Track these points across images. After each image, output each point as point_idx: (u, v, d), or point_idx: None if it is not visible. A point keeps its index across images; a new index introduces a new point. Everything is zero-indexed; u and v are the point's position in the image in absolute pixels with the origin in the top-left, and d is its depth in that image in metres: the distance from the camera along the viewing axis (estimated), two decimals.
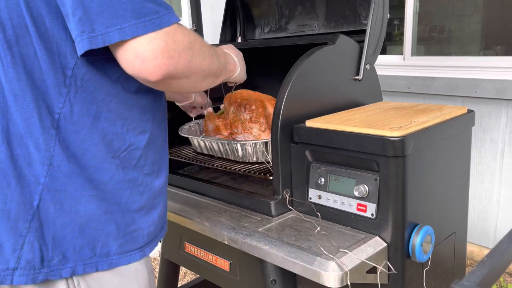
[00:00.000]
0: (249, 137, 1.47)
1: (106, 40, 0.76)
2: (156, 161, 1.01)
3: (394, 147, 1.05)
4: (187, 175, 1.59)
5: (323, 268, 0.99)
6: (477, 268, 0.45)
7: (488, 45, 3.24)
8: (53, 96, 0.85)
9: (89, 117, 0.87)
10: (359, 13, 1.63)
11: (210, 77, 0.96)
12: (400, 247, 1.11)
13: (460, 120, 1.29)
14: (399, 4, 3.13)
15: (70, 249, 0.90)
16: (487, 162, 2.71)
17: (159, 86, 0.86)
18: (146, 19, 0.76)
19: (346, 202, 1.17)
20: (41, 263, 0.88)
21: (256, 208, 1.29)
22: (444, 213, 1.30)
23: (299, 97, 1.26)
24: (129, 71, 0.81)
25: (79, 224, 0.89)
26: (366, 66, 1.42)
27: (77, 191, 0.88)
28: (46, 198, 0.87)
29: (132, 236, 0.96)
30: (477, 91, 2.63)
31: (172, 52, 0.80)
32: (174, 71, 0.81)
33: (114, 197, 0.92)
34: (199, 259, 1.52)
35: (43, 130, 0.85)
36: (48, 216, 0.88)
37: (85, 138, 0.88)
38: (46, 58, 0.83)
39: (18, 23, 0.81)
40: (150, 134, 0.97)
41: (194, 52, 0.85)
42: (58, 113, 0.85)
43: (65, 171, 0.87)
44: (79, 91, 0.86)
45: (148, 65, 0.78)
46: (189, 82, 0.89)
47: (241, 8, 2.00)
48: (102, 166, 0.90)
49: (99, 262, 0.92)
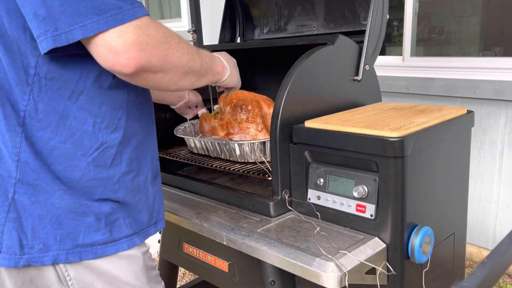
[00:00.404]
0: (245, 137, 1.46)
1: (69, 38, 0.77)
2: (134, 159, 1.00)
3: (394, 148, 1.05)
4: (186, 176, 1.59)
5: (322, 269, 0.99)
6: (477, 269, 0.44)
7: (487, 46, 3.24)
8: (17, 95, 0.87)
9: (55, 115, 0.89)
10: (359, 13, 1.63)
11: (192, 75, 0.96)
12: (399, 248, 1.10)
13: (459, 120, 1.29)
14: (398, 5, 3.14)
15: (51, 238, 0.92)
16: (486, 163, 2.71)
17: (136, 80, 0.86)
18: (108, 14, 0.77)
19: (345, 202, 1.17)
20: (21, 250, 0.92)
21: (255, 208, 1.29)
22: (443, 214, 1.29)
23: (299, 97, 1.25)
24: (104, 65, 0.82)
25: (57, 216, 0.92)
26: (366, 66, 1.41)
27: (48, 186, 0.91)
28: (20, 191, 0.90)
29: (114, 225, 0.97)
30: (476, 92, 2.63)
31: (144, 45, 0.80)
32: (148, 64, 0.82)
33: (85, 193, 0.94)
34: (198, 260, 1.51)
35: (8, 127, 0.88)
36: (25, 208, 0.91)
37: (52, 135, 0.89)
38: (7, 58, 0.85)
39: None
40: (125, 131, 0.97)
41: (170, 47, 0.86)
42: (23, 111, 0.88)
43: (33, 167, 0.89)
44: (43, 89, 0.87)
45: (121, 58, 0.79)
46: (167, 77, 0.89)
47: (241, 8, 2.00)
48: (72, 164, 0.92)
49: (83, 252, 0.95)
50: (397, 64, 3.06)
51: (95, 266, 0.97)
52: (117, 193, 0.98)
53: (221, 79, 1.15)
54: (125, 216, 1.00)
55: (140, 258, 1.04)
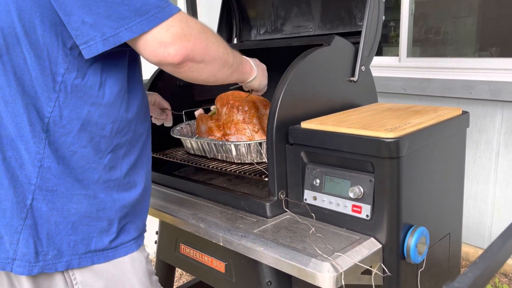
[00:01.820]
0: (242, 138, 1.47)
1: (116, 41, 0.84)
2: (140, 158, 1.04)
3: (389, 148, 1.05)
4: (182, 177, 1.59)
5: (318, 269, 0.99)
6: (469, 269, 0.45)
7: (483, 47, 3.26)
8: (43, 101, 0.89)
9: (78, 121, 0.92)
10: (355, 14, 1.63)
11: (227, 67, 1.03)
12: (395, 248, 1.11)
13: (454, 121, 1.30)
14: (395, 6, 3.14)
15: (65, 244, 0.94)
16: (482, 163, 2.72)
17: (182, 71, 0.92)
18: (149, 14, 0.84)
19: (341, 203, 1.17)
20: (36, 257, 0.93)
21: (252, 209, 1.29)
22: (439, 214, 1.30)
23: (295, 98, 1.26)
24: (153, 59, 0.88)
25: (72, 222, 0.94)
26: (362, 67, 1.42)
27: (68, 190, 0.92)
28: (38, 198, 0.91)
29: (124, 228, 1.00)
30: (472, 92, 2.64)
31: (189, 36, 0.88)
32: (192, 53, 0.89)
33: (101, 197, 0.96)
34: (194, 261, 1.51)
35: (33, 133, 0.89)
36: (42, 214, 0.92)
37: (73, 140, 0.92)
38: (36, 65, 0.87)
39: (8, 33, 0.86)
40: (134, 133, 1.01)
41: (208, 37, 0.93)
42: (48, 117, 0.90)
43: (55, 172, 0.91)
44: (69, 96, 0.90)
45: (170, 50, 0.86)
46: (208, 69, 0.96)
47: (237, 9, 2.00)
48: (90, 167, 0.94)
49: (94, 256, 0.97)
50: (393, 65, 3.07)
51: (102, 270, 0.99)
52: (129, 190, 1.01)
53: (248, 79, 1.21)
54: (132, 219, 1.03)
55: (143, 262, 1.06)
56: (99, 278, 0.99)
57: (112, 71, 0.94)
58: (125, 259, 1.01)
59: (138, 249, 1.04)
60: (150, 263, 1.09)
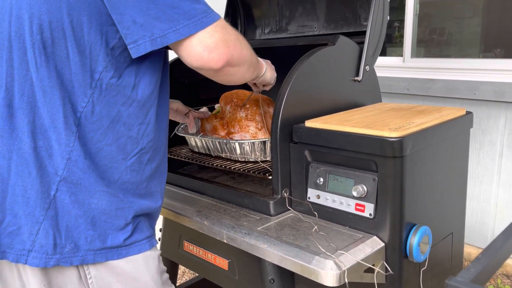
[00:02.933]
0: (245, 135, 1.48)
1: (164, 41, 0.87)
2: (160, 165, 1.08)
3: (393, 148, 1.06)
4: (186, 174, 1.60)
5: (321, 267, 1.00)
6: (471, 264, 0.46)
7: (487, 48, 3.25)
8: (78, 96, 0.92)
9: (108, 119, 0.95)
10: (359, 14, 1.64)
11: (252, 67, 1.09)
12: (397, 247, 1.11)
13: (458, 121, 1.30)
14: (399, 6, 3.15)
15: (82, 239, 0.96)
16: (485, 164, 2.72)
17: (220, 75, 0.97)
18: (196, 19, 0.88)
19: (344, 202, 1.18)
20: (54, 249, 0.94)
21: (255, 207, 1.30)
22: (441, 214, 1.30)
23: (299, 97, 1.27)
24: (195, 63, 0.92)
25: (91, 217, 0.96)
26: (366, 67, 1.43)
27: (91, 185, 0.95)
28: (62, 189, 0.93)
29: (138, 227, 1.02)
30: (476, 93, 2.64)
31: (229, 41, 0.93)
32: (232, 58, 0.94)
33: (120, 195, 0.98)
34: (198, 258, 1.52)
35: (66, 125, 0.92)
36: (64, 206, 0.94)
37: (101, 138, 0.95)
38: (78, 61, 0.90)
39: (56, 27, 0.89)
40: (158, 140, 1.05)
41: (242, 43, 0.99)
42: (81, 112, 0.93)
43: (81, 166, 0.93)
44: (103, 94, 0.93)
45: (214, 54, 0.90)
46: (240, 71, 1.01)
47: (242, 8, 2.01)
48: (113, 166, 0.97)
49: (109, 253, 0.98)
50: (397, 65, 3.07)
51: (115, 266, 1.00)
52: (144, 197, 1.03)
53: (261, 73, 1.23)
54: (146, 218, 1.05)
55: (156, 260, 1.07)
56: (113, 273, 1.01)
57: (146, 75, 0.97)
58: (139, 257, 1.02)
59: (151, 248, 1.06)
60: (161, 262, 1.11)
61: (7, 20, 0.91)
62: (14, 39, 0.90)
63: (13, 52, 0.91)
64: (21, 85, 0.92)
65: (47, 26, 0.89)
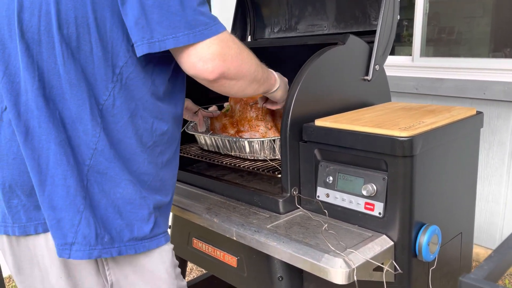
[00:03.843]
0: (255, 134, 1.48)
1: (162, 46, 0.89)
2: (172, 160, 1.10)
3: (403, 147, 1.06)
4: (196, 172, 1.61)
5: (330, 265, 1.00)
6: (484, 262, 0.46)
7: (497, 47, 3.23)
8: (100, 90, 0.95)
9: (127, 112, 0.97)
10: (369, 13, 1.64)
11: (255, 83, 1.10)
12: (406, 246, 1.12)
13: (468, 121, 1.30)
14: (408, 5, 3.13)
15: (113, 229, 0.98)
16: (494, 164, 2.71)
17: (215, 86, 1.00)
18: (197, 29, 0.90)
19: (354, 200, 1.18)
20: (96, 239, 0.96)
21: (264, 205, 1.31)
22: (451, 214, 1.30)
23: (309, 96, 1.27)
24: (191, 71, 0.95)
25: (118, 206, 0.98)
26: (376, 66, 1.43)
27: (117, 175, 0.97)
28: (91, 179, 0.96)
29: (157, 221, 1.04)
30: (485, 93, 2.62)
31: (226, 55, 0.94)
32: (227, 71, 0.96)
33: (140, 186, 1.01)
34: (206, 255, 1.54)
35: (92, 116, 0.95)
36: (95, 196, 0.97)
37: (121, 129, 0.97)
38: (101, 56, 0.93)
39: (81, 22, 0.91)
40: (170, 134, 1.07)
41: (243, 58, 1.00)
42: (102, 104, 0.96)
43: (107, 155, 0.96)
44: (123, 88, 0.96)
45: (208, 66, 0.92)
46: (238, 84, 1.03)
47: (252, 7, 2.01)
48: (131, 157, 1.00)
49: (136, 245, 1.00)
50: (406, 64, 3.06)
51: (133, 258, 1.03)
52: (158, 191, 1.06)
53: (272, 89, 1.25)
54: (162, 213, 1.07)
55: (170, 253, 1.09)
56: (130, 265, 1.03)
57: (162, 73, 1.01)
58: (155, 250, 1.05)
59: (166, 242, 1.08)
60: (174, 256, 1.13)
61: (36, 15, 0.93)
62: (43, 33, 0.93)
63: (42, 46, 0.93)
64: (50, 77, 0.94)
65: (73, 22, 0.91)
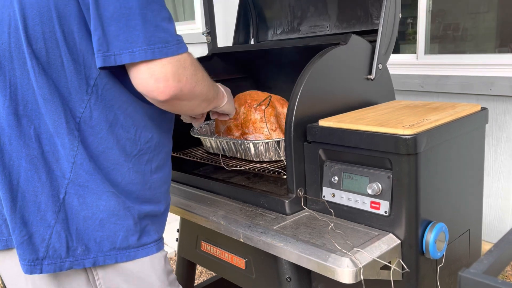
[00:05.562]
0: (260, 136, 1.49)
1: (117, 60, 0.86)
2: (161, 167, 1.09)
3: (407, 145, 1.06)
4: (202, 175, 1.62)
5: (337, 264, 1.01)
6: (484, 257, 0.46)
7: (503, 43, 3.21)
8: (75, 102, 0.94)
9: (106, 123, 0.96)
10: (371, 13, 1.64)
11: (206, 102, 1.08)
12: (413, 244, 1.12)
13: (473, 118, 1.29)
14: (412, 3, 3.12)
15: (92, 240, 0.98)
16: (503, 160, 2.68)
17: (165, 106, 0.96)
18: (155, 46, 0.87)
19: (359, 200, 1.19)
20: (67, 252, 0.97)
21: (271, 206, 1.31)
22: (458, 211, 1.30)
23: (312, 97, 1.28)
24: (140, 89, 0.91)
25: (100, 218, 0.97)
26: (379, 65, 1.43)
27: (98, 187, 0.96)
28: (71, 192, 0.96)
29: (145, 230, 1.04)
30: (492, 89, 2.60)
31: (181, 76, 0.91)
32: (180, 93, 0.92)
33: (126, 197, 1.00)
34: (215, 258, 1.55)
35: (68, 130, 0.94)
36: (73, 209, 0.96)
37: (101, 141, 0.97)
38: (73, 69, 0.92)
39: (49, 37, 0.91)
40: (157, 141, 1.06)
41: (198, 79, 0.97)
42: (79, 117, 0.95)
43: (86, 168, 0.95)
44: (99, 99, 0.95)
45: (160, 85, 0.89)
46: (189, 105, 1.02)
47: (254, 10, 2.03)
48: (115, 168, 0.99)
49: (118, 255, 1.00)
50: (411, 62, 3.05)
51: (123, 267, 1.02)
52: (148, 200, 1.05)
53: (221, 105, 1.25)
54: (155, 222, 1.07)
55: (162, 261, 1.09)
56: (120, 274, 1.03)
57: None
58: (145, 258, 1.05)
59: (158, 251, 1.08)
60: (168, 263, 1.12)
61: (6, 32, 0.93)
62: (14, 49, 0.93)
63: (14, 62, 0.93)
64: (24, 93, 0.94)
65: (41, 37, 0.91)
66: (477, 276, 0.42)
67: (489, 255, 0.46)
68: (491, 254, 0.46)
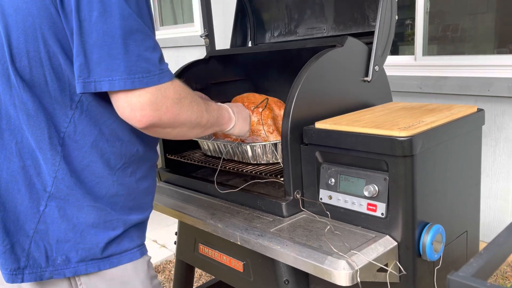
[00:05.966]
0: (257, 139, 1.49)
1: (97, 87, 0.86)
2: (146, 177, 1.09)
3: (403, 147, 1.06)
4: (200, 178, 1.62)
5: (334, 267, 1.01)
6: (473, 260, 0.46)
7: (501, 43, 3.21)
8: (59, 118, 0.95)
9: (90, 137, 0.97)
10: (367, 15, 1.65)
11: (198, 128, 1.06)
12: (410, 246, 1.12)
13: (469, 119, 1.30)
14: (410, 4, 3.13)
15: (73, 251, 0.98)
16: (501, 161, 2.68)
17: (146, 131, 0.96)
18: (136, 76, 0.86)
19: (356, 202, 1.19)
20: (46, 261, 0.98)
21: (268, 209, 1.31)
22: (455, 212, 1.30)
23: (309, 99, 1.28)
24: (120, 115, 0.91)
25: (81, 230, 0.98)
26: (375, 67, 1.43)
27: (78, 201, 0.97)
28: (52, 204, 0.97)
29: (128, 236, 1.04)
30: (490, 89, 2.60)
31: (160, 105, 0.90)
32: (159, 122, 0.91)
33: (108, 209, 1.01)
34: (213, 260, 1.54)
35: (51, 146, 0.95)
36: (54, 221, 0.97)
37: (85, 155, 0.97)
38: (57, 87, 0.93)
39: (33, 56, 0.92)
40: (142, 154, 1.06)
41: (182, 107, 0.95)
42: (64, 132, 0.95)
43: (68, 183, 0.96)
44: (84, 114, 0.96)
45: (137, 114, 0.88)
46: (175, 131, 1.00)
47: (251, 13, 2.03)
48: (100, 181, 0.99)
49: (101, 263, 1.01)
50: (409, 64, 3.05)
51: (106, 273, 1.03)
52: (133, 210, 1.05)
53: (225, 129, 1.25)
54: (138, 228, 1.07)
55: (145, 265, 1.09)
56: (103, 280, 1.03)
57: None
58: (129, 264, 1.05)
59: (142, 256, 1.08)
60: (152, 268, 1.13)
61: None
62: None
63: None
64: (7, 108, 0.95)
65: (25, 55, 0.91)
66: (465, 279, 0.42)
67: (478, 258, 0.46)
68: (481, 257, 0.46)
